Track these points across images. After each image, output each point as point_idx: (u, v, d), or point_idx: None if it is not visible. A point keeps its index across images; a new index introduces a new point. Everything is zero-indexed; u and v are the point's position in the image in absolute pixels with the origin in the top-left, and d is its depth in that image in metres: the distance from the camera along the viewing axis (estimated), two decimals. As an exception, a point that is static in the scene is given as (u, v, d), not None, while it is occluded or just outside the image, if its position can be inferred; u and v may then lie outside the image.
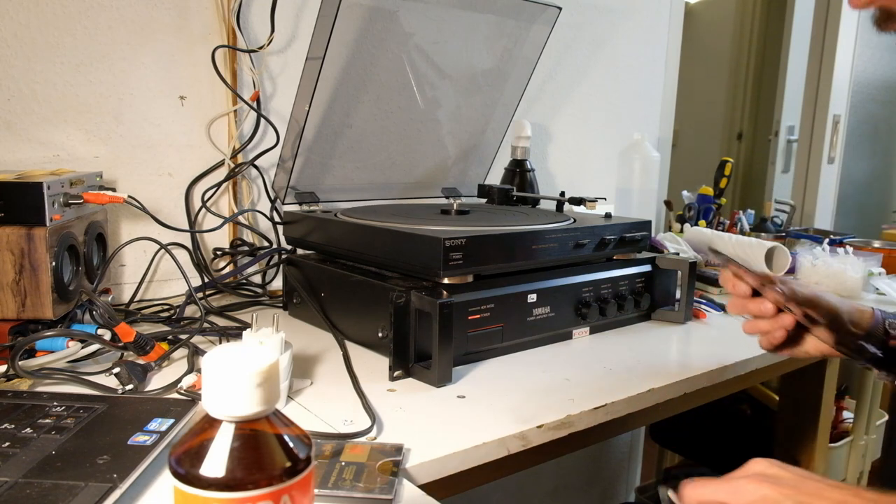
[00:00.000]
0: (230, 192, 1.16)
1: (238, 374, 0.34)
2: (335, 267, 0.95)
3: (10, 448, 0.55)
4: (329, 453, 0.59)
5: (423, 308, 0.77)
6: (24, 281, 0.78)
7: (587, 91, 1.67)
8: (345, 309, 0.93)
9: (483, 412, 0.71)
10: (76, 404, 0.63)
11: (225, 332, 0.90)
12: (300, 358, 0.83)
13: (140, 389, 0.72)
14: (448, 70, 1.19)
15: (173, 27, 1.07)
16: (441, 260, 0.80)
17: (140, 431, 0.58)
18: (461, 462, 0.63)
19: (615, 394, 0.76)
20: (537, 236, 0.90)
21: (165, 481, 0.55)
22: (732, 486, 0.52)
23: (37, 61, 0.97)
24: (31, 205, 0.78)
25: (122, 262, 1.07)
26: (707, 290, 1.25)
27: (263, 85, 1.16)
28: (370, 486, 0.54)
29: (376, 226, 0.91)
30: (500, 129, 1.32)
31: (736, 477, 0.53)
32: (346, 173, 1.17)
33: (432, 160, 1.28)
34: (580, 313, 0.94)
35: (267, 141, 1.17)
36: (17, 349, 0.73)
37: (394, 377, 0.78)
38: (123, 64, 1.04)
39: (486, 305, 0.84)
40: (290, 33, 1.17)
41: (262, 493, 0.33)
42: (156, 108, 1.08)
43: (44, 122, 0.99)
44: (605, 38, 1.68)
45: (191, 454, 0.34)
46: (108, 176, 1.04)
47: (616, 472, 1.99)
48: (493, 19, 1.18)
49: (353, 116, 1.13)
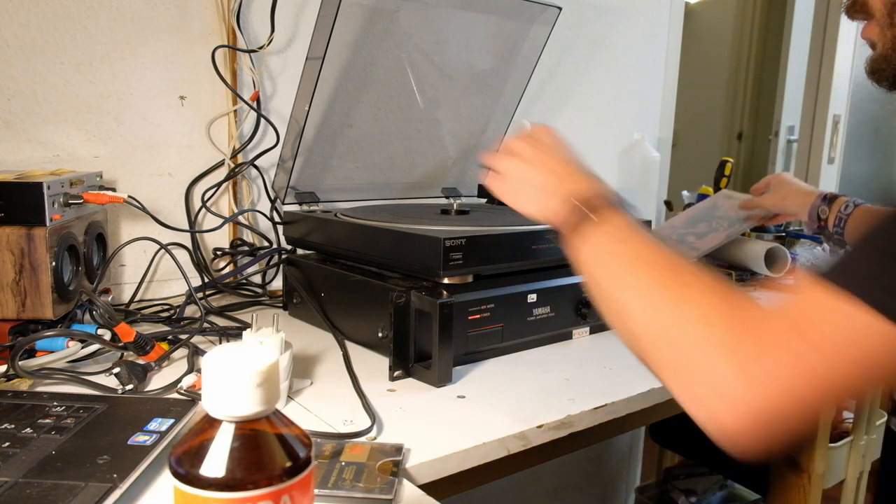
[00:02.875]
0: (230, 192, 1.16)
1: (238, 374, 0.34)
2: (335, 267, 0.95)
3: (10, 448, 0.55)
4: (329, 453, 0.59)
5: (423, 308, 0.76)
6: (24, 281, 0.78)
7: (587, 91, 1.67)
8: (345, 309, 0.93)
9: (483, 412, 0.71)
10: (76, 404, 0.63)
11: (225, 332, 0.90)
12: (300, 358, 0.83)
13: (140, 389, 0.72)
14: (448, 70, 1.19)
15: (173, 27, 1.07)
16: (441, 260, 0.80)
17: (140, 431, 0.58)
18: (461, 462, 0.63)
19: (615, 394, 0.76)
20: (537, 236, 0.89)
21: (165, 481, 0.55)
22: (496, 159, 0.71)
23: (37, 61, 0.97)
24: (31, 205, 0.78)
25: (122, 262, 1.07)
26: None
27: (263, 85, 1.16)
28: (370, 486, 0.54)
29: (376, 226, 0.91)
30: (500, 129, 1.32)
31: (499, 152, 0.71)
32: (346, 173, 1.17)
33: (432, 160, 1.28)
34: (580, 313, 0.94)
35: (267, 141, 1.17)
36: (17, 349, 0.73)
37: (394, 377, 0.78)
38: (123, 64, 1.04)
39: (486, 305, 0.83)
40: (290, 33, 1.17)
41: (262, 493, 0.33)
42: (156, 108, 1.08)
43: (44, 122, 0.99)
44: (605, 38, 1.68)
45: (191, 454, 0.34)
46: (108, 176, 1.04)
47: (616, 472, 1.99)
48: (493, 19, 1.18)
49: (353, 116, 1.13)
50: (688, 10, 1.92)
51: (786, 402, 0.43)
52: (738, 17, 3.52)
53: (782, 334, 0.44)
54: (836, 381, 0.42)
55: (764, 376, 0.43)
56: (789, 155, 2.98)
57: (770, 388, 0.43)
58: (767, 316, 0.46)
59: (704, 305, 0.48)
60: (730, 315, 0.47)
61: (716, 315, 0.47)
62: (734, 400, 0.44)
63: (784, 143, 3.00)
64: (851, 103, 2.69)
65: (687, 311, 0.49)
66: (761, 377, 0.43)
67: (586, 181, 0.66)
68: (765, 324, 0.45)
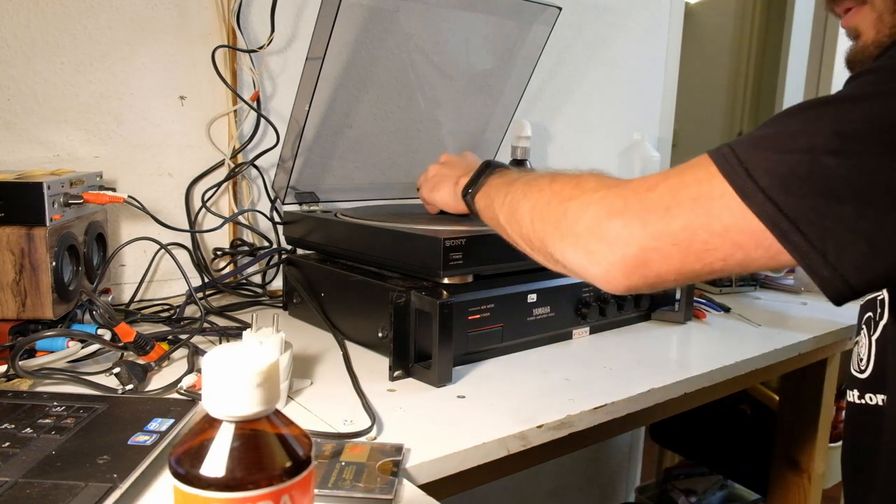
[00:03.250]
0: (230, 192, 1.16)
1: (238, 374, 0.34)
2: (335, 267, 0.95)
3: (10, 448, 0.55)
4: (329, 453, 0.59)
5: (423, 308, 0.77)
6: (25, 281, 0.78)
7: (587, 91, 1.67)
8: (345, 309, 0.93)
9: (483, 412, 0.71)
10: (76, 404, 0.63)
11: (225, 332, 0.90)
12: (300, 358, 0.83)
13: (140, 389, 0.72)
14: (448, 70, 1.19)
15: (173, 27, 1.07)
16: (441, 260, 0.80)
17: (140, 431, 0.58)
18: (461, 462, 0.63)
19: (615, 394, 0.76)
20: (537, 236, 0.89)
21: (165, 481, 0.55)
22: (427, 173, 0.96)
23: (37, 61, 0.98)
24: (32, 205, 0.78)
25: (122, 262, 1.07)
26: (707, 289, 1.25)
27: (263, 85, 1.16)
28: (370, 486, 0.54)
29: (376, 226, 0.91)
30: (500, 129, 1.32)
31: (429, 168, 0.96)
32: (346, 173, 1.17)
33: (432, 160, 1.27)
34: (580, 313, 0.94)
35: (267, 141, 1.17)
36: (17, 349, 0.73)
37: (394, 377, 0.78)
38: (123, 64, 1.04)
39: (486, 305, 0.83)
40: (290, 33, 1.17)
41: (262, 493, 0.33)
42: (156, 108, 1.08)
43: (44, 122, 0.99)
44: (605, 38, 1.68)
45: (191, 454, 0.34)
46: (108, 176, 1.04)
47: (616, 472, 1.99)
48: (493, 19, 1.18)
49: (353, 116, 1.13)
50: (688, 10, 1.92)
51: (649, 253, 0.53)
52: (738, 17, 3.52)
53: (662, 199, 0.53)
54: (694, 245, 0.51)
55: (638, 232, 0.53)
56: (789, 155, 2.97)
57: (639, 239, 0.53)
58: (652, 183, 0.54)
59: (595, 181, 0.60)
60: (618, 184, 0.57)
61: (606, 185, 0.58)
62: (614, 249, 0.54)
63: (784, 143, 2.99)
64: (851, 103, 2.68)
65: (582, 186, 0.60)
66: (648, 235, 0.53)
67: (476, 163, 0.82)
68: (651, 191, 0.54)
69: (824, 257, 0.47)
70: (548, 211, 0.61)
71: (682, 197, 0.52)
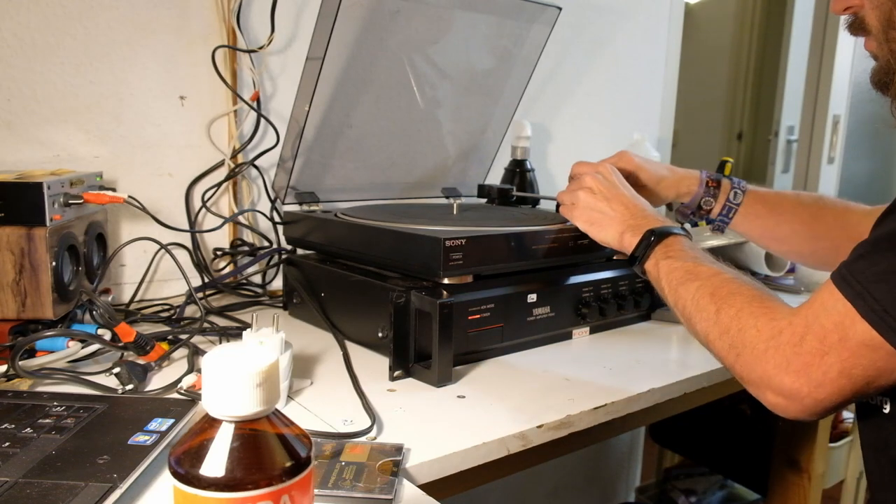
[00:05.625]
0: (230, 192, 1.16)
1: (238, 374, 0.34)
2: (335, 267, 0.95)
3: (10, 448, 0.55)
4: (329, 453, 0.59)
5: (423, 308, 0.77)
6: (25, 281, 0.78)
7: (587, 91, 1.67)
8: (345, 309, 0.93)
9: (483, 412, 0.71)
10: (76, 404, 0.63)
11: (225, 332, 0.90)
12: (300, 358, 0.83)
13: (140, 389, 0.72)
14: (448, 70, 1.19)
15: (173, 27, 1.07)
16: (441, 260, 0.80)
17: (140, 431, 0.58)
18: (461, 462, 0.63)
19: (615, 394, 0.76)
20: (537, 236, 0.89)
21: (165, 481, 0.55)
22: (571, 193, 0.88)
23: (37, 61, 0.97)
24: (32, 205, 0.78)
25: (122, 262, 1.07)
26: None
27: (263, 85, 1.16)
28: (370, 486, 0.54)
29: (376, 226, 0.91)
30: (500, 129, 1.32)
31: (573, 189, 0.88)
32: (346, 173, 1.17)
33: (432, 160, 1.28)
34: (580, 313, 0.94)
35: (267, 141, 1.17)
36: (17, 349, 0.73)
37: (394, 377, 0.78)
38: (123, 64, 1.04)
39: (486, 305, 0.83)
40: (290, 33, 1.17)
41: (262, 493, 0.33)
42: (156, 108, 1.08)
43: (44, 122, 0.99)
44: (605, 38, 1.68)
45: (191, 454, 0.34)
46: (108, 176, 1.04)
47: (616, 472, 1.99)
48: (493, 19, 1.18)
49: (353, 116, 1.13)
50: (688, 10, 1.92)
51: (831, 394, 0.57)
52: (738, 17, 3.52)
53: (814, 351, 0.57)
54: (855, 371, 0.55)
55: (817, 384, 0.57)
56: (789, 155, 2.98)
57: (822, 389, 0.57)
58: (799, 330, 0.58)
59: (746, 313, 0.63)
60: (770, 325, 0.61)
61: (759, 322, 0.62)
62: (795, 400, 0.58)
63: (784, 143, 3.00)
64: (851, 103, 2.69)
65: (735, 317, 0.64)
66: (816, 384, 0.57)
67: (652, 217, 0.81)
68: (802, 342, 0.58)
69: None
70: (720, 346, 0.65)
71: (829, 342, 0.56)
